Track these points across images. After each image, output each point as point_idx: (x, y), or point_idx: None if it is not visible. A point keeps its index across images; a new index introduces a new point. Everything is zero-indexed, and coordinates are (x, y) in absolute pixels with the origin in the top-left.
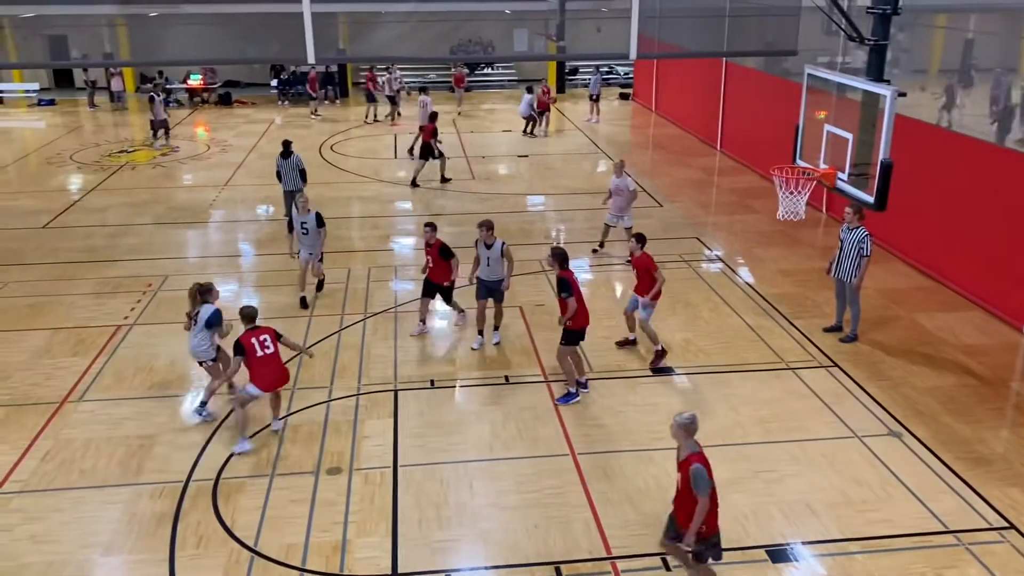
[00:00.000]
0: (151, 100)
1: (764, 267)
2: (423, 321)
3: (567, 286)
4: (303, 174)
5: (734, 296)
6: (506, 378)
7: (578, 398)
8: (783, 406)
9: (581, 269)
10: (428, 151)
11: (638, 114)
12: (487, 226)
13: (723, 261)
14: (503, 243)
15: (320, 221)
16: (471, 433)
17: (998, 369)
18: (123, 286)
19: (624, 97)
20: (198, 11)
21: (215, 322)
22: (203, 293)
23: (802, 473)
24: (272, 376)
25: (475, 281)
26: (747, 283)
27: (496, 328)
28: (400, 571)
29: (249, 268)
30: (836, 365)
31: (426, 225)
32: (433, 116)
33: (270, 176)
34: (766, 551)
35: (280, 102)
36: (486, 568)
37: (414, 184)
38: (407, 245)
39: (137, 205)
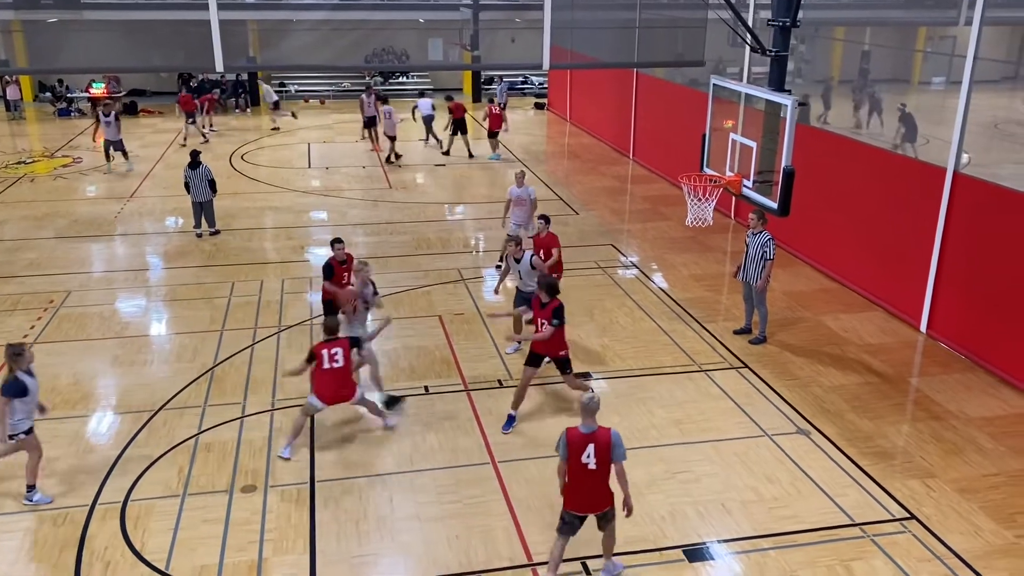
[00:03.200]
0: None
1: (676, 272)
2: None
3: (560, 315)
4: (212, 184)
5: (648, 301)
6: (426, 388)
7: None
8: (696, 407)
9: (491, 277)
10: (460, 126)
11: (553, 123)
12: (516, 241)
13: (637, 267)
14: (531, 255)
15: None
16: (390, 445)
17: (898, 366)
18: (22, 303)
19: (539, 107)
20: (100, 18)
21: (12, 392)
22: (11, 358)
23: (716, 473)
24: (332, 390)
25: (497, 291)
26: (660, 288)
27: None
28: None
29: (157, 282)
30: (746, 366)
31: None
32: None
33: (178, 187)
34: (683, 551)
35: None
36: None
37: (452, 153)
38: (322, 256)
39: (37, 218)
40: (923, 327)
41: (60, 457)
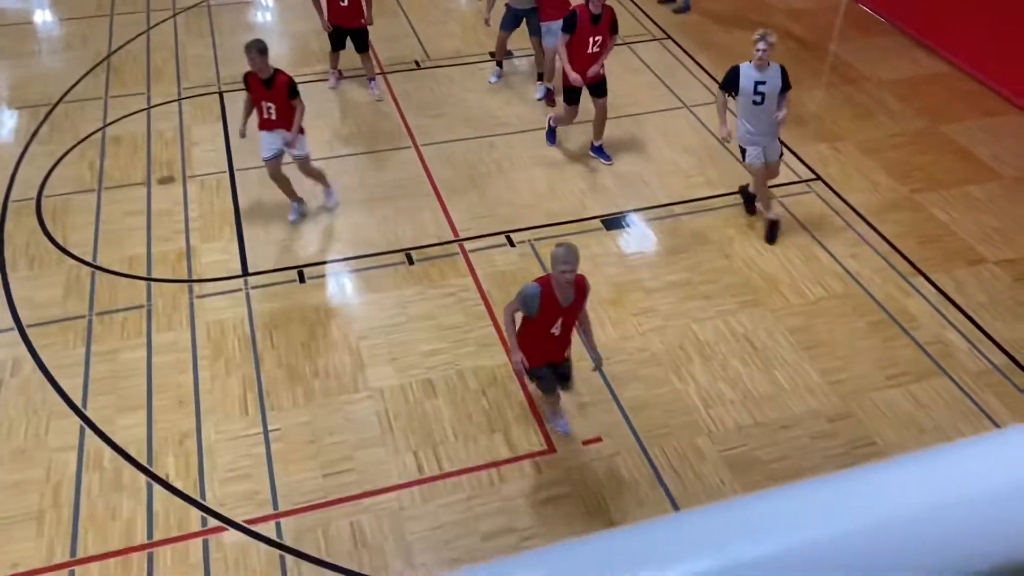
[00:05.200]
0: None
1: None
2: (335, 69)
3: (616, 23)
4: None
5: None
6: (339, 72)
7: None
8: (620, 83)
9: None
10: None
11: None
12: None
13: None
14: None
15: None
16: (309, 130)
17: (819, 31)
18: None
19: None
20: None
21: None
22: None
23: (637, 146)
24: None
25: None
26: None
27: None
28: (250, 271)
29: None
30: (669, 37)
31: None
32: None
33: None
34: (601, 221)
35: None
36: (338, 259)
37: None
38: None
39: None
40: None
41: None
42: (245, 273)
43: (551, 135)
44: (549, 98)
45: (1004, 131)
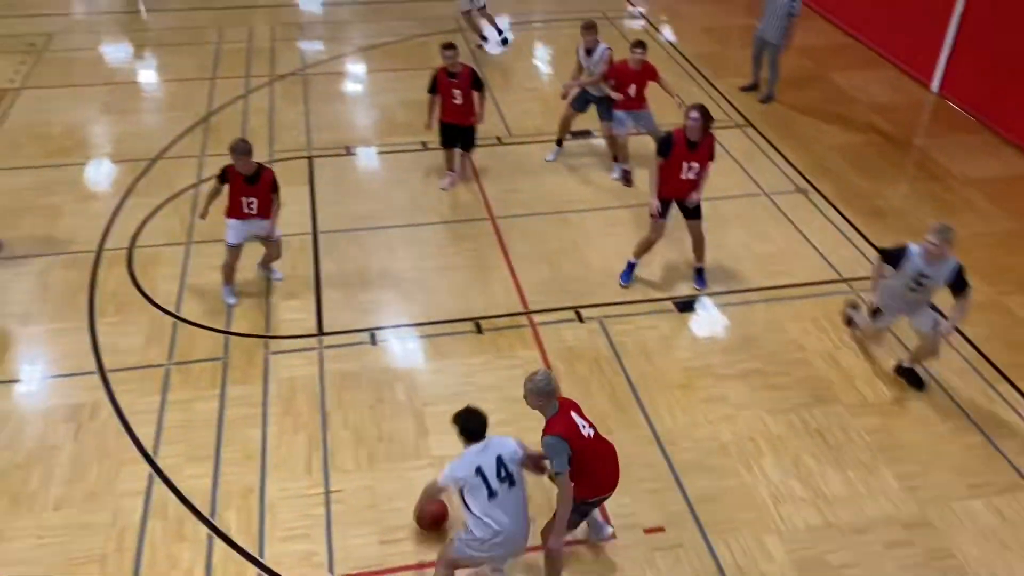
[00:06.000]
0: None
1: (687, 24)
2: (451, 170)
3: (713, 151)
4: None
5: (656, 56)
6: (424, 144)
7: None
8: None
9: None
10: None
11: None
12: (589, 27)
13: (646, 18)
14: (606, 47)
15: None
16: (391, 199)
17: (904, 126)
18: (3, 46)
19: None
20: None
21: None
22: None
23: (712, 231)
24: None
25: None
26: (669, 41)
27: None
28: (325, 331)
29: (141, 27)
30: (751, 124)
31: (447, 47)
32: None
33: None
34: (673, 302)
35: None
36: (409, 324)
37: None
38: (312, 0)
39: None
40: (935, 87)
41: (62, 204)
42: (320, 332)
43: (627, 274)
44: (626, 178)
45: None
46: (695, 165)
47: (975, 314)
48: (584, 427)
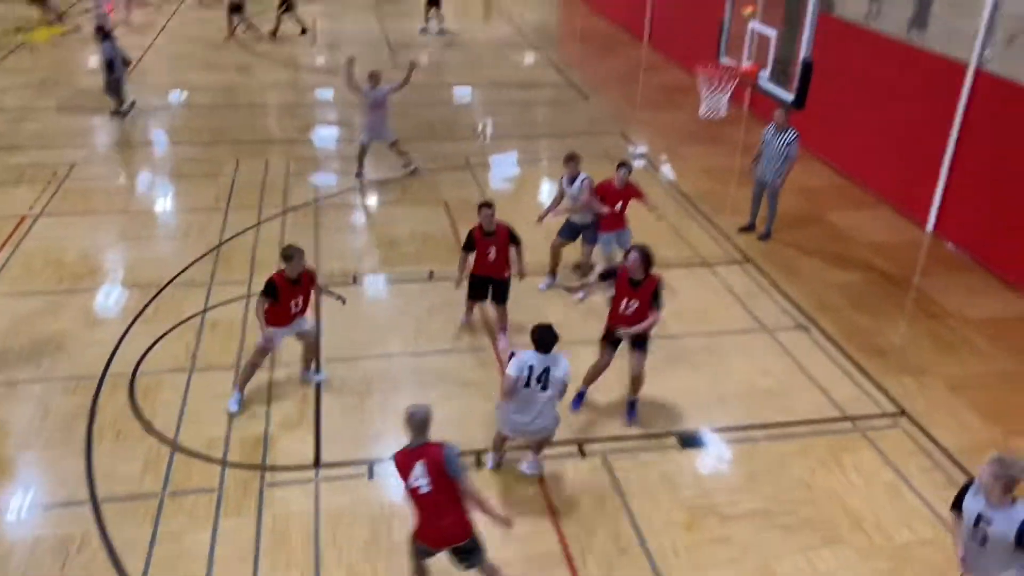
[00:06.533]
0: None
1: (686, 165)
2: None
3: (659, 297)
4: (124, 61)
5: (656, 194)
6: (431, 273)
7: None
8: (698, 301)
9: (497, 164)
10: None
11: (566, 5)
12: (571, 158)
13: (646, 158)
14: (586, 177)
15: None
16: (395, 328)
17: (902, 265)
18: (27, 175)
19: None
20: None
21: None
22: None
23: (713, 365)
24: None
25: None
26: (669, 181)
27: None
28: (323, 462)
29: (161, 158)
30: (750, 261)
31: (484, 205)
32: None
33: (182, 59)
34: (677, 438)
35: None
36: None
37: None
38: (326, 137)
39: (38, 88)
40: (930, 227)
41: (69, 329)
42: (317, 464)
43: (577, 400)
44: (586, 294)
45: None
46: (634, 304)
47: (982, 454)
48: (418, 478)
